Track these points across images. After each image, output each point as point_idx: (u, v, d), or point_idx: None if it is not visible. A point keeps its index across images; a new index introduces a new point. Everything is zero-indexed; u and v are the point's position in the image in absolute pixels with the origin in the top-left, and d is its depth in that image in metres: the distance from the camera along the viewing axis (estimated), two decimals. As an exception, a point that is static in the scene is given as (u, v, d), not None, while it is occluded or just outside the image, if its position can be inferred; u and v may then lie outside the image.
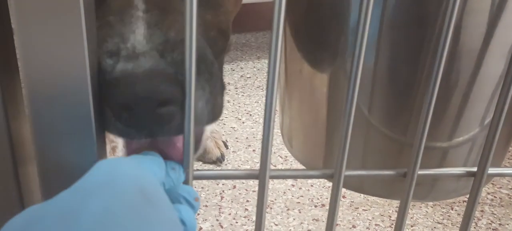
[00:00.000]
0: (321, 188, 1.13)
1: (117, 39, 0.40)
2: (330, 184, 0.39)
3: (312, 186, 1.14)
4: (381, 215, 1.06)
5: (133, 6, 0.42)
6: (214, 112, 0.44)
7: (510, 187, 1.16)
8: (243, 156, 1.22)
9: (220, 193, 1.10)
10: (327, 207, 0.40)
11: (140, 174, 0.30)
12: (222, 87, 0.48)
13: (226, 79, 0.55)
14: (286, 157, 1.21)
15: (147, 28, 0.41)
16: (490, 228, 1.04)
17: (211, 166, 1.18)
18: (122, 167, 0.29)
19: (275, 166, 1.19)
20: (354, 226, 1.04)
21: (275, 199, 1.09)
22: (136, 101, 0.38)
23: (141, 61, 0.39)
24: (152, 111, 0.38)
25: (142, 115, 0.38)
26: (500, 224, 1.05)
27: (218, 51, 0.49)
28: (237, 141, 1.27)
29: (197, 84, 0.38)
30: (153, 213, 0.28)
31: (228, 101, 1.40)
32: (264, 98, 0.38)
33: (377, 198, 1.08)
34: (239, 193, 1.10)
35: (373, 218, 1.06)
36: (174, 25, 0.42)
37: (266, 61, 1.66)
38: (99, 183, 0.28)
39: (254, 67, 1.62)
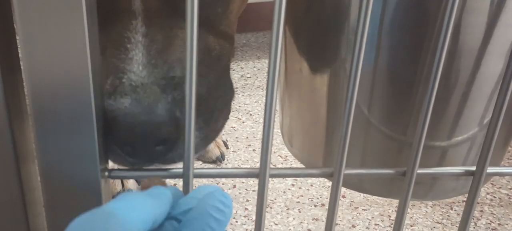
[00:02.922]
0: (321, 187, 1.13)
1: (116, 72, 0.40)
2: (330, 183, 0.40)
3: (312, 185, 1.14)
4: (381, 215, 1.07)
5: (131, 29, 0.41)
6: (207, 141, 0.45)
7: (510, 187, 1.16)
8: (243, 156, 1.22)
9: (220, 193, 1.10)
10: (327, 207, 0.41)
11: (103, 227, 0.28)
12: (231, 93, 0.48)
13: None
14: (286, 156, 1.21)
15: (147, 56, 0.40)
16: (489, 228, 1.05)
17: (211, 166, 1.19)
18: (89, 228, 0.28)
19: (275, 165, 1.19)
20: (353, 226, 1.04)
21: (275, 199, 1.09)
22: (135, 140, 0.38)
23: (140, 95, 0.39)
24: (151, 148, 0.39)
25: (142, 150, 0.39)
26: (499, 224, 1.06)
27: (225, 60, 0.49)
28: (237, 141, 1.27)
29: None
30: None
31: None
32: (264, 98, 0.38)
33: (376, 197, 1.08)
34: (239, 192, 1.10)
35: (372, 217, 1.06)
36: (181, 61, 0.41)
37: (266, 61, 1.66)
38: None
39: (254, 67, 1.63)
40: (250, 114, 1.38)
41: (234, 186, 1.12)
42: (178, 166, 0.38)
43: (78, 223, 0.28)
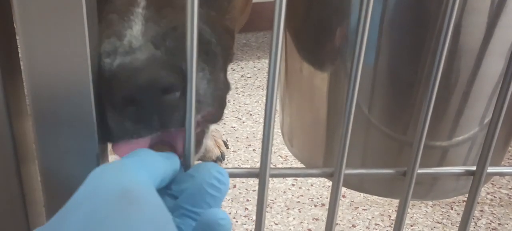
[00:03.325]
0: (321, 187, 1.13)
1: (115, 38, 0.40)
2: (330, 183, 0.40)
3: (312, 185, 1.14)
4: (381, 215, 1.07)
5: (134, 3, 0.42)
6: (217, 94, 0.44)
7: (510, 187, 1.16)
8: (243, 156, 1.22)
9: (220, 193, 1.10)
10: (327, 207, 0.41)
11: (124, 177, 0.30)
12: (226, 85, 0.48)
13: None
14: (286, 156, 1.21)
15: (144, 23, 0.41)
16: (489, 227, 1.05)
17: (211, 166, 1.18)
18: (106, 174, 0.30)
19: (275, 165, 1.19)
20: (354, 226, 1.04)
21: (275, 198, 1.09)
22: (139, 91, 0.37)
23: (137, 54, 0.39)
24: (157, 100, 0.38)
25: (148, 105, 0.38)
26: (499, 224, 1.06)
27: (223, 48, 0.49)
28: (237, 141, 1.27)
29: (197, 66, 0.37)
30: (137, 213, 0.28)
31: (229, 101, 1.41)
32: (264, 98, 0.38)
33: (377, 197, 1.08)
34: (239, 192, 1.10)
35: (373, 217, 1.06)
36: (167, 16, 0.42)
37: (267, 61, 1.66)
38: (84, 195, 0.29)
39: (255, 67, 1.63)
40: (250, 114, 1.38)
41: (234, 186, 1.12)
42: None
43: (97, 172, 0.30)
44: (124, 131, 0.39)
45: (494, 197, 1.13)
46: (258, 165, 0.37)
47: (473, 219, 1.06)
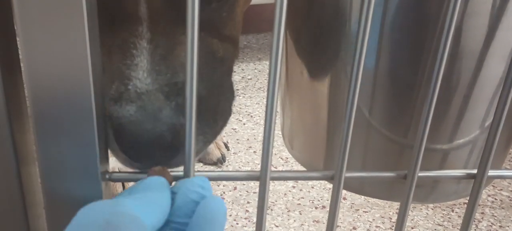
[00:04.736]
0: (322, 189, 1.13)
1: (121, 78, 0.40)
2: (331, 185, 0.40)
3: (312, 187, 1.14)
4: (382, 217, 1.06)
5: (136, 35, 0.41)
6: (207, 144, 0.45)
7: (511, 189, 1.16)
8: (244, 158, 1.22)
9: (221, 195, 1.10)
10: (328, 209, 0.41)
11: (107, 210, 0.30)
12: (232, 96, 0.48)
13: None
14: (287, 158, 1.21)
15: (151, 62, 0.40)
16: (490, 230, 1.04)
17: (211, 167, 1.19)
18: (93, 208, 0.30)
19: (276, 167, 1.19)
20: (354, 228, 1.04)
21: (276, 201, 1.09)
22: (140, 147, 0.39)
23: (145, 102, 0.39)
24: (156, 154, 0.40)
25: (147, 156, 0.40)
26: (500, 226, 1.05)
27: (228, 63, 0.49)
28: (238, 142, 1.27)
29: (197, 130, 0.37)
30: None
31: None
32: (265, 99, 0.38)
33: (377, 200, 1.08)
34: (240, 195, 1.10)
35: (373, 220, 1.06)
36: (184, 66, 0.41)
37: (267, 62, 1.66)
38: (71, 228, 0.29)
39: (255, 68, 1.63)
40: (251, 116, 1.38)
41: (235, 188, 1.12)
42: (179, 169, 0.38)
43: (86, 207, 0.30)
44: (127, 162, 0.41)
45: (495, 199, 1.13)
46: (258, 166, 0.37)
47: (474, 221, 1.06)
